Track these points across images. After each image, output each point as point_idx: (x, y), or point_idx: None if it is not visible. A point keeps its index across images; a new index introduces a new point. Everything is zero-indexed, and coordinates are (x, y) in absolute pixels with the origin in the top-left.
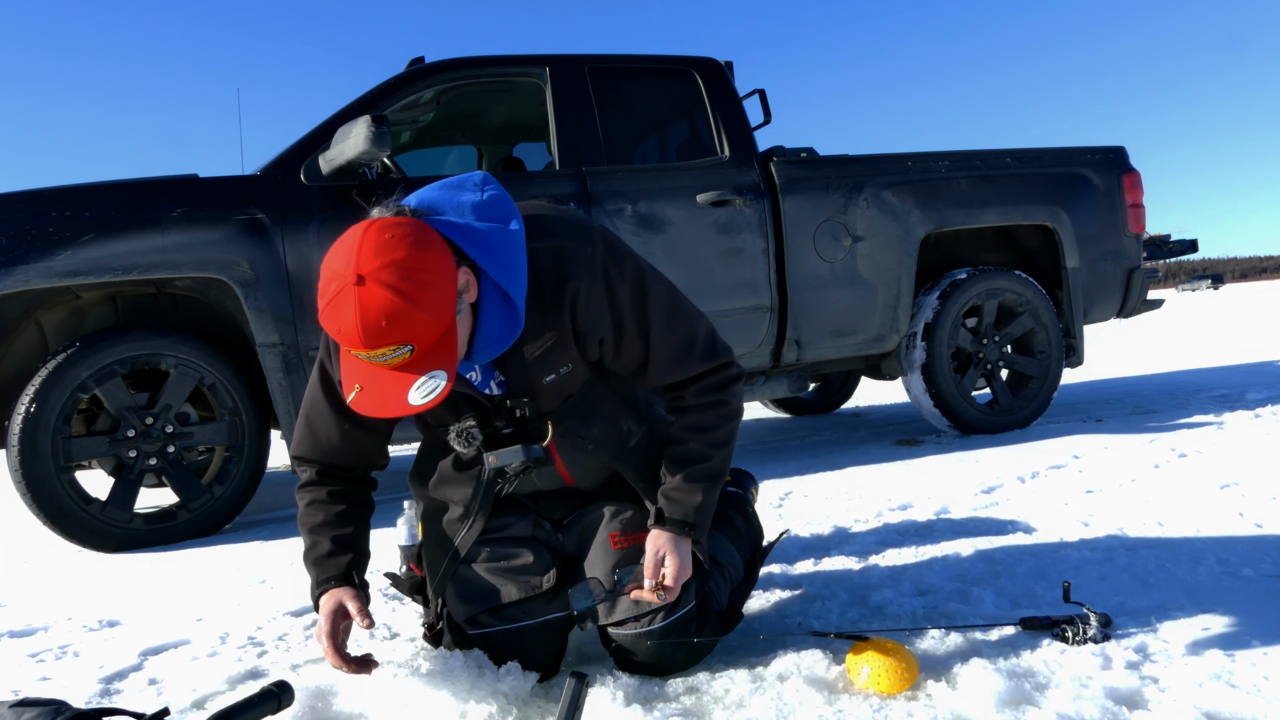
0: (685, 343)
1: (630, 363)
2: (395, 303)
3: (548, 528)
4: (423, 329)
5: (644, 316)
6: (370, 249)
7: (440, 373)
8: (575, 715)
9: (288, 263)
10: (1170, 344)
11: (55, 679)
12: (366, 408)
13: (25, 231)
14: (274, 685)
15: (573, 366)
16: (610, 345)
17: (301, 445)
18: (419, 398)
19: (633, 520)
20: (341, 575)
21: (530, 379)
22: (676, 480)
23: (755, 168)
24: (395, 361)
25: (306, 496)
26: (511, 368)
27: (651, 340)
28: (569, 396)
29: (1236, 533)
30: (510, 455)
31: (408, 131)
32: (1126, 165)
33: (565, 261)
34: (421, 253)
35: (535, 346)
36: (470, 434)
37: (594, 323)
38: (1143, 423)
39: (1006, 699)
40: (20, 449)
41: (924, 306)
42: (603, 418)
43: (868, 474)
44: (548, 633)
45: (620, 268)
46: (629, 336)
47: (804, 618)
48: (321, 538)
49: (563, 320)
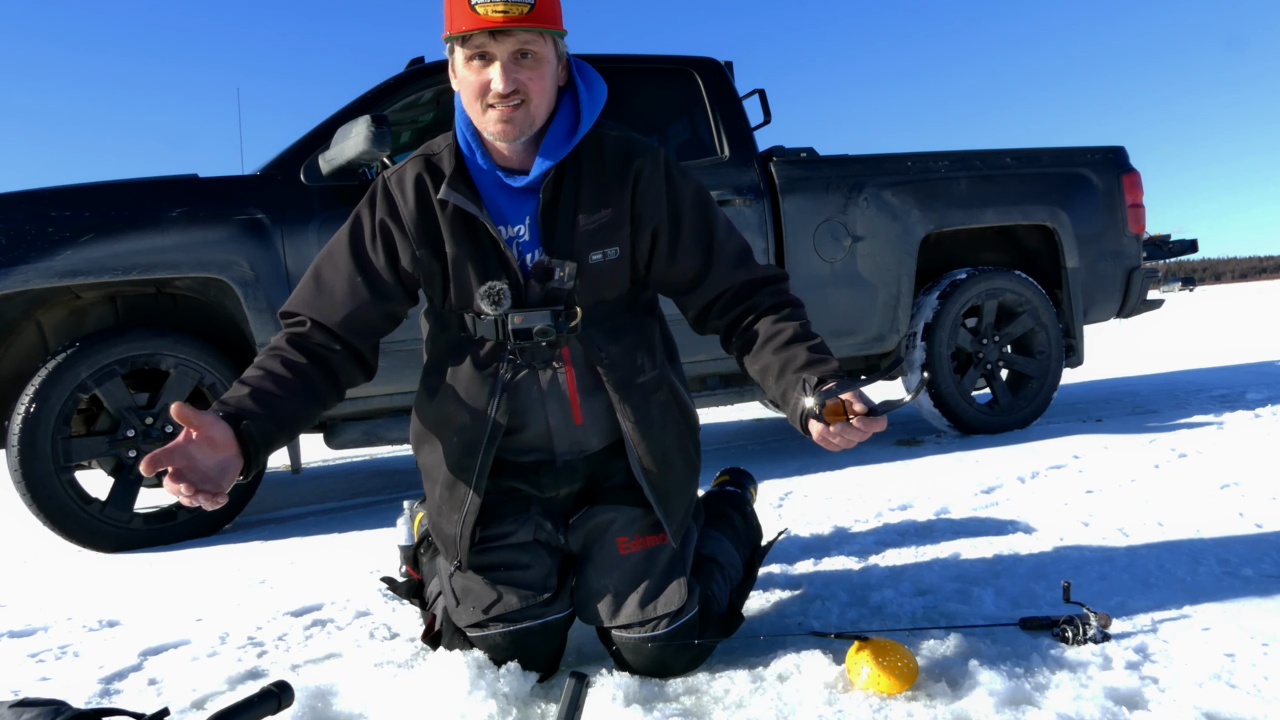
0: (746, 248)
1: (687, 263)
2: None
3: (549, 528)
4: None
5: (706, 220)
6: None
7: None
8: (575, 715)
9: (288, 263)
10: (1170, 344)
11: (55, 679)
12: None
13: (25, 231)
14: (274, 685)
15: (619, 254)
16: (665, 239)
17: (295, 299)
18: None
19: (641, 524)
20: (231, 413)
21: (577, 250)
22: (804, 354)
23: (755, 168)
24: (515, 11)
25: (264, 354)
26: (561, 235)
27: (715, 239)
28: (601, 302)
29: (1236, 533)
30: (537, 317)
31: (408, 131)
32: (1126, 165)
33: (633, 146)
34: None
35: (590, 219)
36: (501, 293)
37: (652, 207)
38: (1143, 423)
39: (1006, 699)
40: (20, 449)
41: (924, 306)
42: (624, 342)
43: (868, 474)
44: (547, 634)
45: (684, 173)
46: (686, 232)
47: (804, 618)
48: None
49: (623, 197)
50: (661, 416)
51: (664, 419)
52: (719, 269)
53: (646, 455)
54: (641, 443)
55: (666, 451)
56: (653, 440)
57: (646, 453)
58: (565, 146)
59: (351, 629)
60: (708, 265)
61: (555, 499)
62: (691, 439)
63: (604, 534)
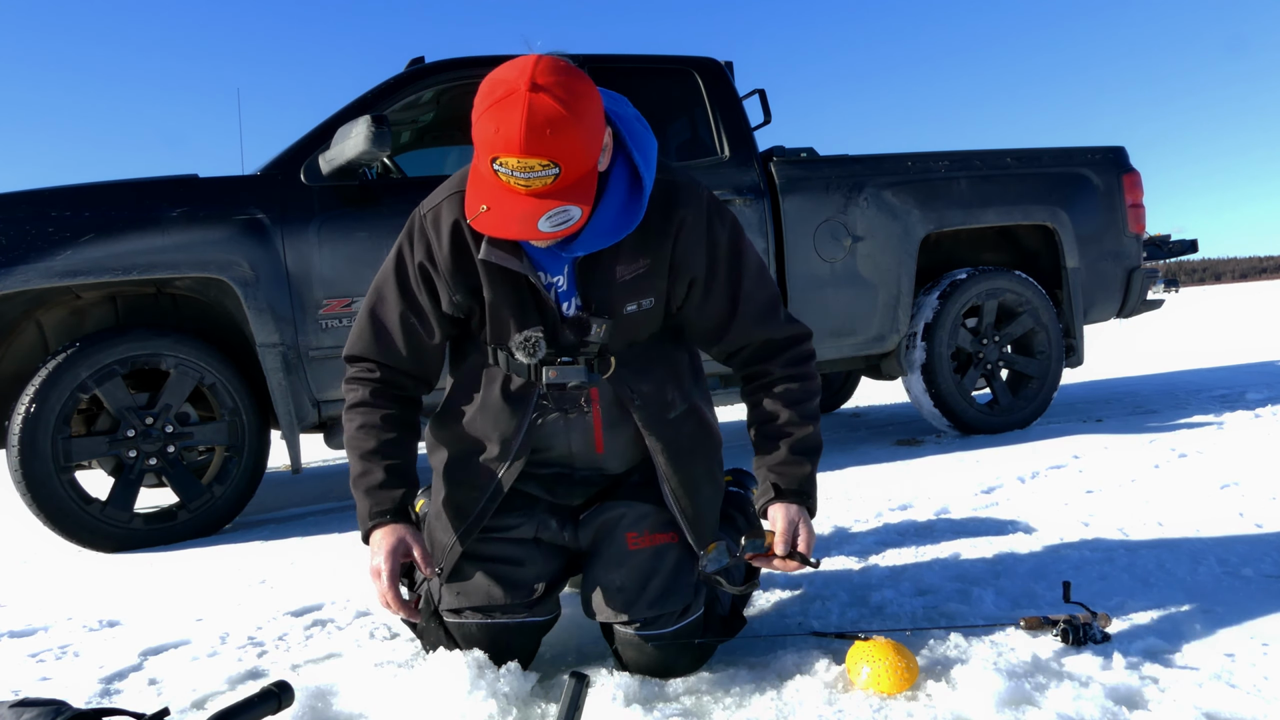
0: (773, 300)
1: (716, 311)
2: (563, 113)
3: (554, 526)
4: (576, 151)
5: (737, 264)
6: (545, 67)
7: (576, 206)
8: (575, 715)
9: (288, 263)
10: (1170, 344)
11: (55, 679)
12: (492, 226)
13: (25, 231)
14: (274, 685)
15: (654, 304)
16: (700, 288)
17: (358, 342)
18: (549, 225)
19: (652, 521)
20: (397, 510)
21: (613, 302)
22: (783, 453)
23: (755, 168)
24: (538, 184)
25: (357, 419)
26: (597, 286)
27: (743, 289)
28: (633, 344)
29: (1236, 533)
30: (572, 373)
31: (408, 131)
32: (1126, 165)
33: (678, 193)
34: (588, 86)
35: (628, 269)
36: (537, 343)
37: (691, 257)
38: (1143, 423)
39: (1006, 699)
40: (20, 449)
41: (924, 306)
42: (654, 378)
43: (868, 474)
44: (524, 633)
45: (722, 216)
46: (719, 281)
47: (804, 618)
48: (374, 465)
49: (664, 248)
50: (690, 445)
51: (693, 447)
52: (743, 321)
53: (678, 485)
54: (674, 475)
55: (695, 478)
56: (683, 470)
57: (679, 484)
58: (617, 234)
59: (351, 629)
60: (733, 315)
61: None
62: (717, 459)
63: (613, 529)
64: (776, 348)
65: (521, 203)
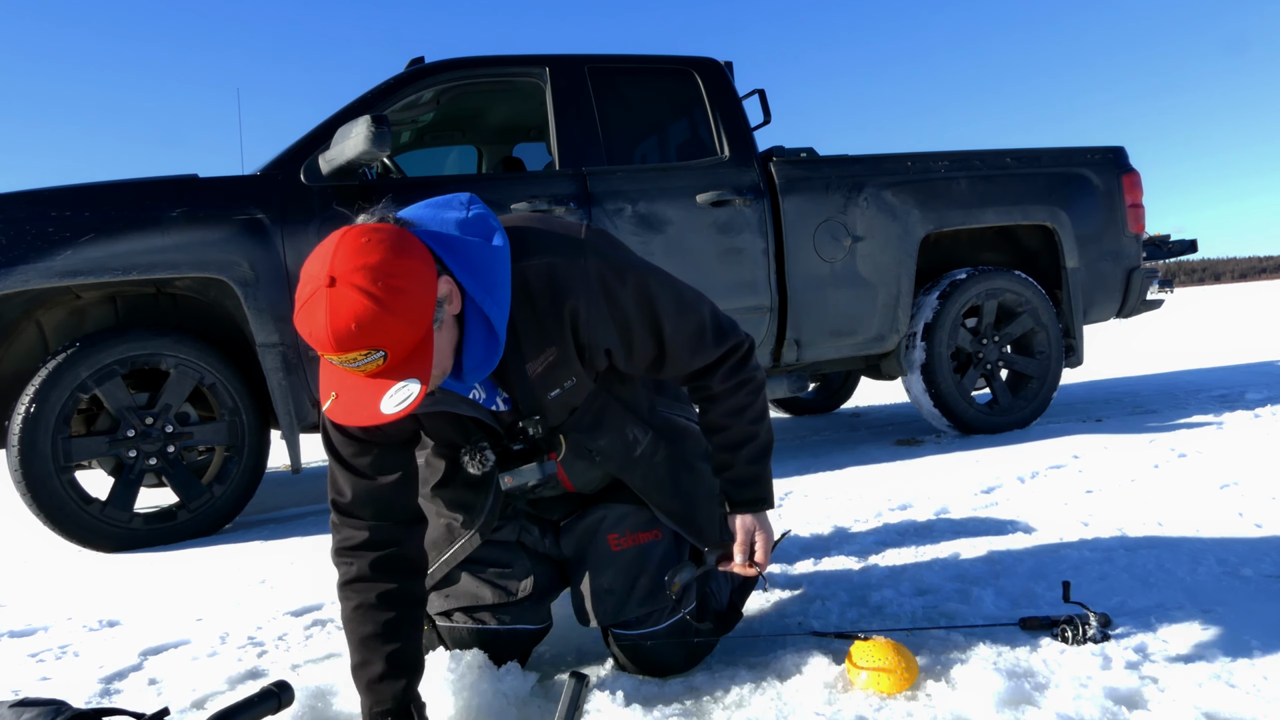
0: (698, 332)
1: (643, 361)
2: (367, 306)
3: (535, 533)
4: (395, 335)
5: (653, 319)
6: (346, 252)
7: (414, 380)
8: (575, 715)
9: (288, 263)
10: (1170, 344)
11: (55, 679)
12: (341, 415)
13: (25, 231)
14: (274, 685)
15: (576, 380)
16: (620, 351)
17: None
18: (392, 406)
19: (632, 520)
20: (398, 709)
21: (536, 396)
22: (737, 465)
23: (755, 168)
24: (369, 368)
25: (354, 598)
26: (516, 386)
27: (665, 339)
28: (574, 410)
29: (1236, 533)
30: (526, 474)
31: (408, 131)
32: (1126, 165)
33: (559, 278)
34: (398, 258)
35: (537, 364)
36: (484, 456)
37: (598, 337)
38: (1143, 423)
39: (1006, 699)
40: (20, 449)
41: (924, 306)
42: (609, 428)
43: (868, 474)
44: (514, 639)
45: (620, 277)
46: (639, 340)
47: (804, 618)
48: (373, 655)
49: (564, 337)
50: (669, 470)
51: (671, 470)
52: (674, 358)
53: (667, 508)
54: (661, 502)
55: (682, 493)
56: (666, 494)
57: (667, 508)
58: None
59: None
60: (662, 358)
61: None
62: (698, 453)
63: (595, 534)
64: (713, 366)
65: (362, 386)
